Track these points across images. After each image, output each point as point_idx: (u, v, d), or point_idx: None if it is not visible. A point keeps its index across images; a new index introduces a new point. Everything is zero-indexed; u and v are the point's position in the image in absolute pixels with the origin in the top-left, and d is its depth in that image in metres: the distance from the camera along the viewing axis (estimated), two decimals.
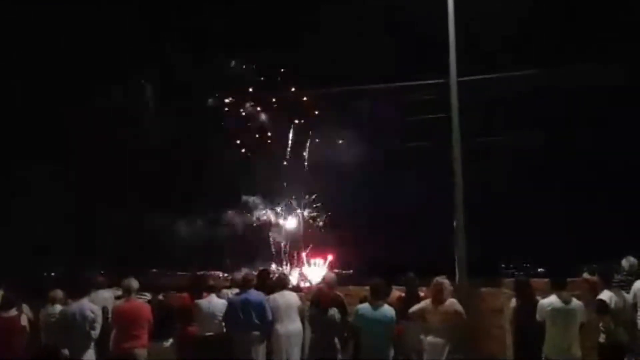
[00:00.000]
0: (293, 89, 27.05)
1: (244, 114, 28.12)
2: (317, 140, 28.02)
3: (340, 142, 26.30)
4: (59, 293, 6.92)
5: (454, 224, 9.30)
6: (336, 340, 6.16)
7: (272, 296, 6.60)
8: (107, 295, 7.32)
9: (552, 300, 5.61)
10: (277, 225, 28.30)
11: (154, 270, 24.16)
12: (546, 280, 6.30)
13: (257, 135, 28.15)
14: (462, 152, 9.51)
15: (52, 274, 24.19)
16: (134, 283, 6.40)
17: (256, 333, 6.41)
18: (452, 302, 5.85)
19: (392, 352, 6.00)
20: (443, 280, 5.91)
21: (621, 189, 25.34)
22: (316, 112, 27.21)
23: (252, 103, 27.97)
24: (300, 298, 6.90)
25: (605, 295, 5.74)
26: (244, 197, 27.75)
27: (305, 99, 27.03)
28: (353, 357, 6.29)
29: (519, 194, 29.26)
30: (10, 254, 18.31)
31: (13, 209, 21.38)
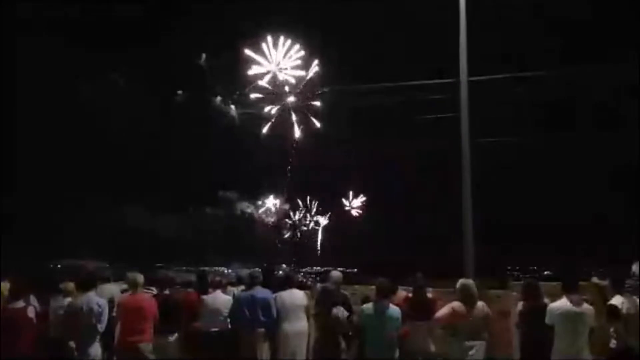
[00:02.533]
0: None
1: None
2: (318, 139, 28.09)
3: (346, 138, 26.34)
4: (72, 285, 6.88)
5: (462, 222, 9.22)
6: (340, 339, 6.12)
7: (279, 294, 6.57)
8: (113, 289, 7.31)
9: (562, 303, 5.51)
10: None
11: (160, 265, 24.29)
12: (554, 283, 6.20)
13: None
14: (471, 151, 9.43)
15: (59, 265, 24.35)
16: (140, 277, 6.40)
17: (261, 330, 6.40)
18: (482, 304, 5.78)
19: (397, 353, 5.94)
20: (470, 281, 5.81)
21: (630, 192, 25.09)
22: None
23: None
24: (307, 296, 6.86)
25: (617, 300, 5.64)
26: (221, 193, 27.60)
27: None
28: (357, 356, 6.24)
29: (526, 195, 29.05)
30: (16, 246, 18.47)
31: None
